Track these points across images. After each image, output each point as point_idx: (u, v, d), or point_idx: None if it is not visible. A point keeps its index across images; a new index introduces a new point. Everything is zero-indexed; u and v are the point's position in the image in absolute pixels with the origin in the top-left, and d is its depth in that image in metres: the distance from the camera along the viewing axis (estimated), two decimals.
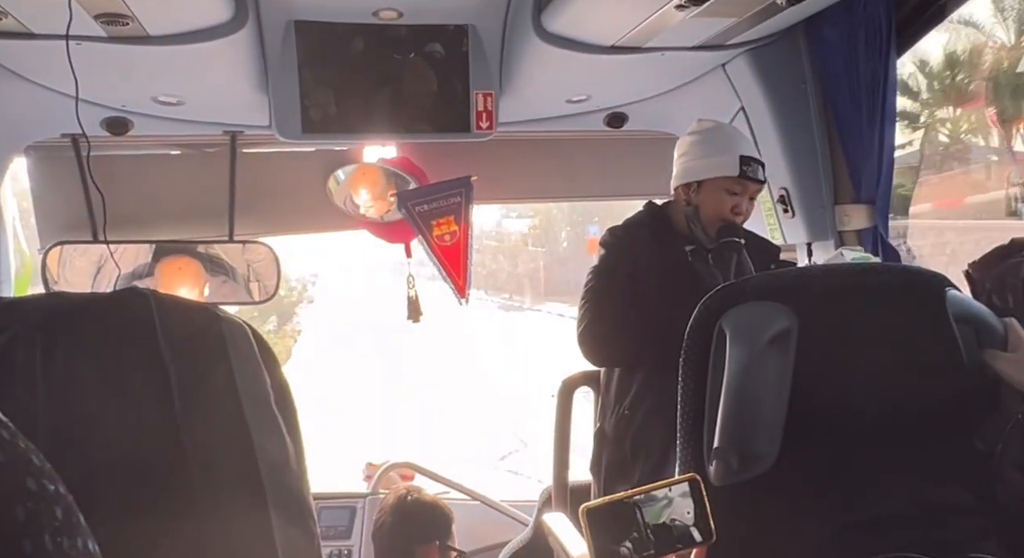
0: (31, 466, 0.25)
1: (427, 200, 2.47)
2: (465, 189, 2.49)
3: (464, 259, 2.49)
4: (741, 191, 1.83)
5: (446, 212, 2.47)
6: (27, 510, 0.25)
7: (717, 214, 1.84)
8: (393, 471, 2.75)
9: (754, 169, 1.83)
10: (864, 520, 1.01)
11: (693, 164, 1.88)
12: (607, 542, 0.91)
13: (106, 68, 1.77)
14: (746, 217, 1.88)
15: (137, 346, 0.77)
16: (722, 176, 1.83)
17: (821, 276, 1.09)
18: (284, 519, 0.80)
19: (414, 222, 2.46)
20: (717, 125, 1.93)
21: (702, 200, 1.85)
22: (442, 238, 2.48)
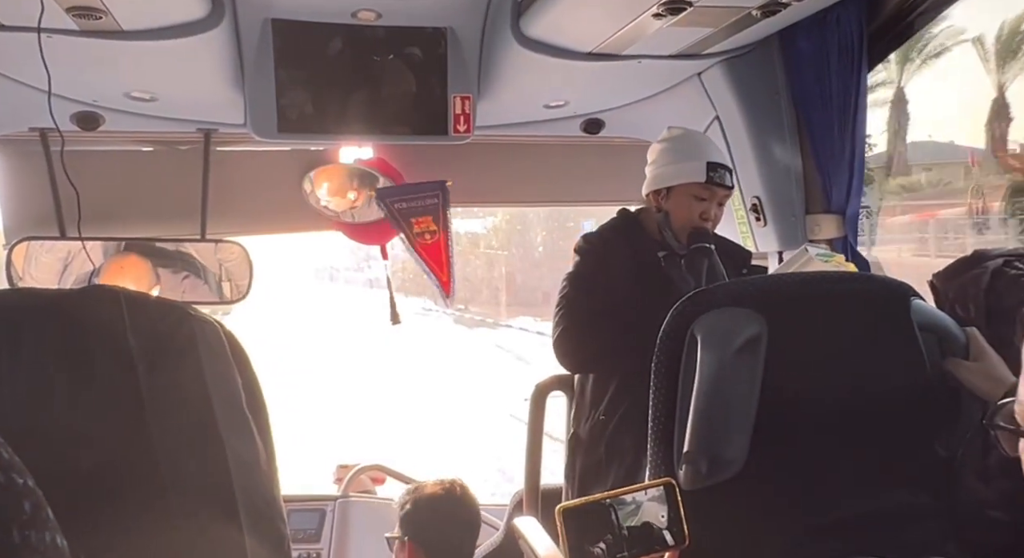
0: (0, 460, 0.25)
1: (406, 198, 2.47)
2: (442, 191, 2.49)
3: (447, 257, 2.50)
4: (709, 197, 1.87)
5: (424, 212, 2.47)
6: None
7: (687, 220, 1.87)
8: (364, 474, 2.73)
9: (721, 175, 1.86)
10: (830, 523, 1.03)
11: (662, 170, 1.91)
12: (582, 542, 0.92)
13: (78, 62, 1.74)
14: (715, 223, 1.91)
15: (106, 344, 0.76)
16: (690, 182, 1.86)
17: (791, 284, 1.11)
18: (253, 520, 0.79)
19: (394, 219, 2.45)
20: (686, 132, 1.96)
21: (672, 206, 1.89)
22: (423, 236, 2.48)
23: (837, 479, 1.05)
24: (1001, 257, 1.21)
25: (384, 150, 2.51)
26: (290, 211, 2.51)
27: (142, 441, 0.75)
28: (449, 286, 2.54)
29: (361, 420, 8.98)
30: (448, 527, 1.80)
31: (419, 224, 2.49)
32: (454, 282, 2.56)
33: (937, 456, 1.07)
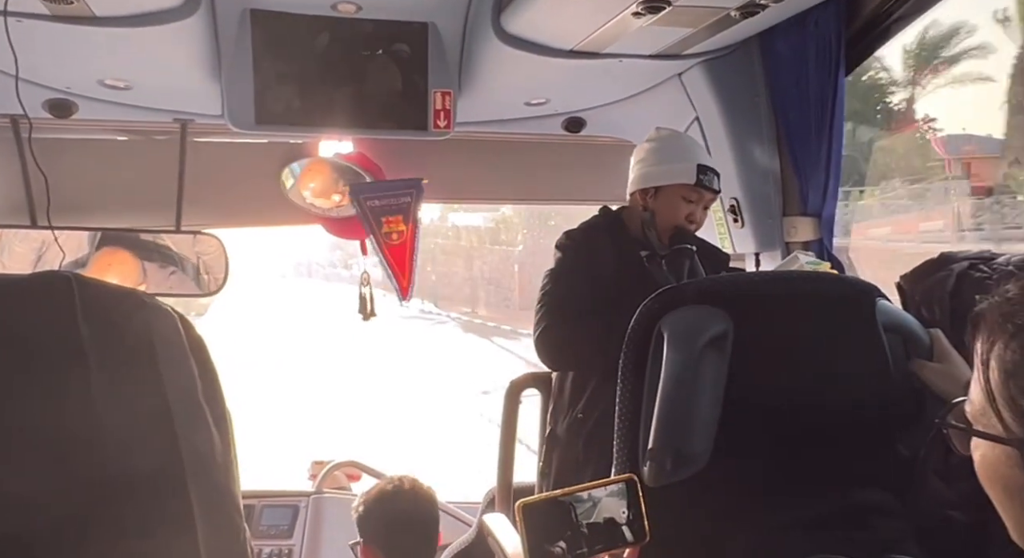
0: None
1: (379, 196, 2.46)
2: (416, 190, 2.49)
3: (410, 259, 2.49)
4: (697, 199, 1.88)
5: (396, 210, 2.46)
6: None
7: (672, 221, 1.87)
8: (338, 470, 2.72)
9: (710, 178, 1.88)
10: (794, 521, 1.04)
11: (651, 170, 1.91)
12: (542, 540, 0.91)
13: (49, 48, 1.72)
14: (699, 225, 1.92)
15: (57, 330, 0.74)
16: (679, 183, 1.86)
17: (758, 282, 1.12)
18: (207, 511, 0.78)
19: (364, 217, 2.44)
20: (675, 133, 1.97)
21: (658, 206, 1.89)
22: (390, 236, 2.47)
23: (801, 477, 1.05)
24: (967, 260, 1.22)
25: (364, 144, 2.49)
26: (268, 204, 2.49)
27: (91, 429, 0.73)
28: (408, 290, 2.53)
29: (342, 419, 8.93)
30: (399, 524, 1.76)
31: (388, 223, 2.48)
32: (413, 285, 2.55)
33: (900, 456, 1.08)
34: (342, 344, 14.08)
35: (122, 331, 0.77)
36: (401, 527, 1.74)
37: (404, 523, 1.75)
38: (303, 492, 2.58)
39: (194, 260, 2.45)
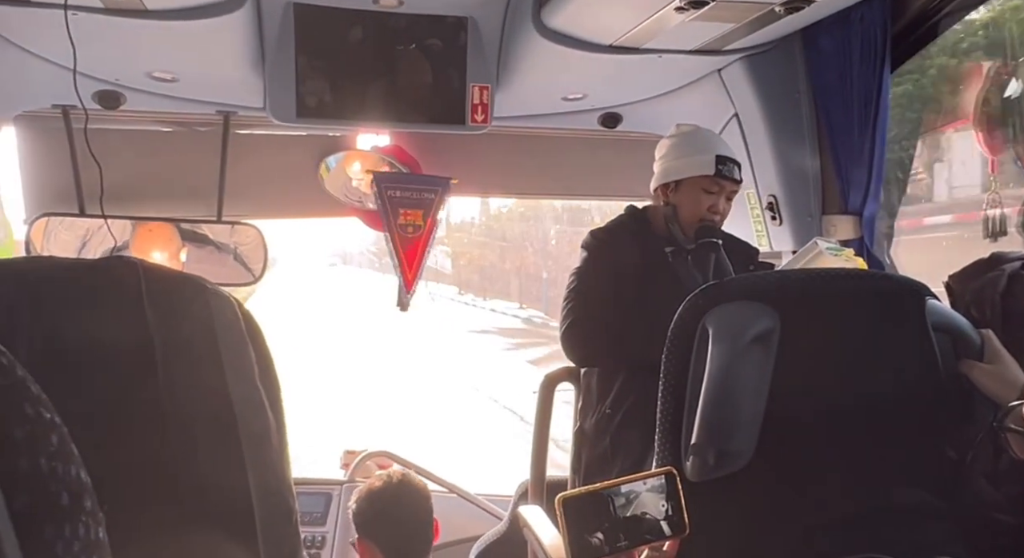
0: (28, 392, 0.26)
1: (402, 187, 2.47)
2: (442, 189, 2.50)
3: (421, 255, 2.50)
4: (718, 190, 1.87)
5: (417, 205, 2.47)
6: (25, 432, 0.25)
7: (694, 213, 1.87)
8: (370, 460, 2.75)
9: (730, 168, 1.87)
10: (836, 520, 1.03)
11: (671, 164, 1.92)
12: (581, 532, 0.92)
13: (101, 40, 1.76)
14: (723, 217, 1.91)
15: (123, 313, 0.77)
16: (699, 175, 1.87)
17: (806, 279, 1.11)
18: (263, 493, 0.80)
19: (382, 205, 2.45)
20: (695, 128, 1.97)
21: (680, 200, 1.89)
22: (405, 228, 2.48)
23: (845, 476, 1.04)
24: (1019, 260, 1.20)
25: (401, 138, 2.51)
26: (306, 196, 2.53)
27: (154, 409, 0.76)
28: (412, 283, 2.54)
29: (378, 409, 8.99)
30: (390, 519, 1.79)
31: (406, 216, 2.49)
32: (418, 282, 2.56)
33: (947, 457, 1.07)
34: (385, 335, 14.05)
35: (184, 315, 0.79)
36: (391, 521, 1.78)
37: (394, 518, 1.79)
38: (336, 480, 2.62)
39: (233, 249, 2.49)
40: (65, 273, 0.77)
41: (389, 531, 1.77)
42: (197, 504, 0.75)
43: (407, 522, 1.79)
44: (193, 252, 2.46)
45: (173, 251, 2.46)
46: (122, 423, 0.74)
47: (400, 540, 1.77)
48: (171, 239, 2.46)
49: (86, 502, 0.28)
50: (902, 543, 1.01)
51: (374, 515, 1.78)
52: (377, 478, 1.85)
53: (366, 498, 1.82)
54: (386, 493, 1.81)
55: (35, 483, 0.26)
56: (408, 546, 1.78)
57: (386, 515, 1.78)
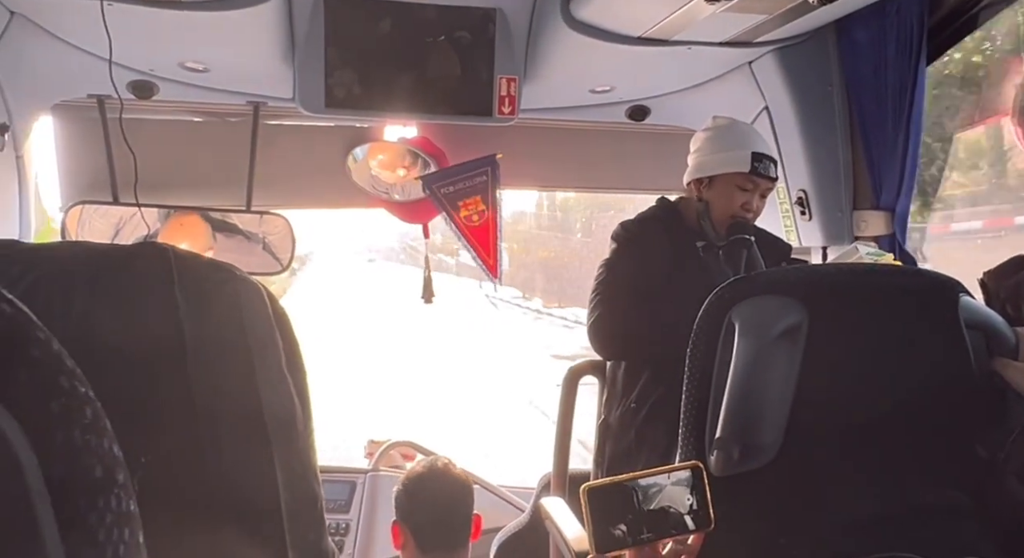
0: (64, 366, 0.27)
1: (452, 181, 2.48)
2: (491, 167, 2.48)
3: (494, 238, 2.49)
4: (752, 188, 1.85)
5: (472, 192, 2.47)
6: (60, 405, 0.26)
7: (728, 210, 1.85)
8: (394, 449, 2.77)
9: (766, 166, 1.84)
10: (863, 518, 1.02)
11: (705, 159, 1.89)
12: (605, 523, 0.92)
13: (136, 31, 1.78)
14: (757, 214, 1.88)
15: (153, 297, 0.78)
16: (734, 172, 1.84)
17: (834, 273, 1.09)
18: (288, 477, 0.81)
19: (440, 204, 2.46)
20: (732, 122, 1.93)
21: (713, 196, 1.87)
22: (470, 218, 2.48)
23: (873, 475, 1.03)
24: None
25: (428, 129, 2.52)
26: (334, 187, 2.55)
27: (182, 393, 0.77)
28: (496, 270, 2.53)
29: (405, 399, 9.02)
30: (428, 505, 1.76)
31: (467, 206, 2.49)
32: (501, 265, 2.55)
33: (977, 456, 1.05)
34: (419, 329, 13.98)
35: (214, 300, 0.80)
36: (429, 508, 1.75)
37: (432, 505, 1.76)
38: (360, 469, 2.64)
39: (261, 239, 2.52)
40: (99, 257, 0.78)
41: (423, 518, 1.75)
42: (223, 488, 0.76)
43: (442, 511, 1.76)
44: (222, 241, 2.50)
45: (203, 239, 2.50)
46: (151, 405, 0.75)
47: (432, 528, 1.75)
48: (201, 228, 2.50)
49: (118, 475, 0.28)
50: (931, 543, 0.99)
51: (410, 500, 1.77)
52: (420, 464, 1.83)
53: (406, 483, 1.80)
54: (426, 479, 1.79)
55: (70, 455, 0.26)
56: (440, 536, 1.76)
57: (422, 502, 1.76)
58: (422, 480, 1.79)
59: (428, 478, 1.79)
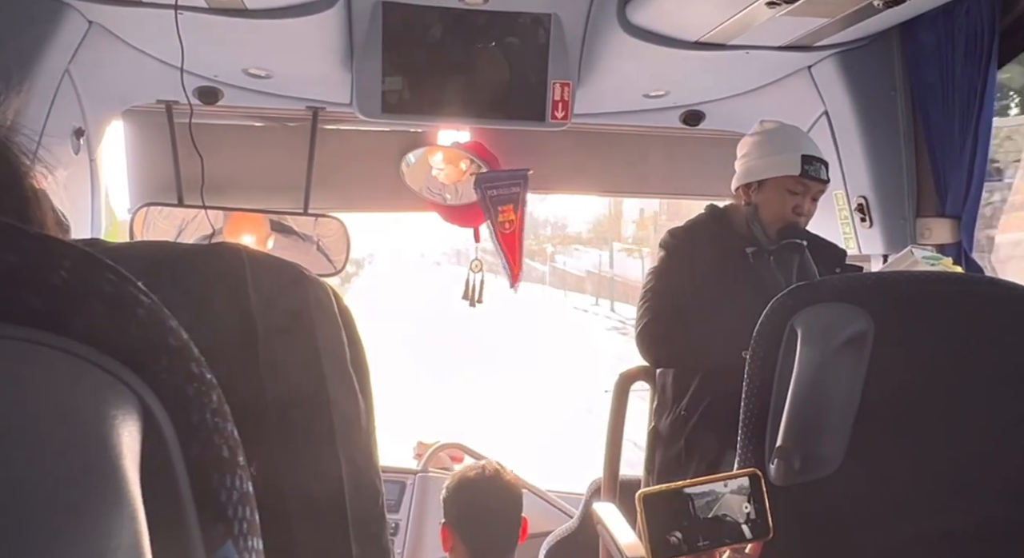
0: (193, 353, 0.28)
1: (497, 185, 2.51)
2: (523, 180, 2.52)
3: (519, 246, 2.55)
4: (803, 191, 1.82)
5: (507, 200, 2.51)
6: (194, 389, 0.28)
7: (778, 214, 1.82)
8: (443, 451, 2.79)
9: (816, 168, 1.81)
10: (928, 534, 0.99)
11: (754, 163, 1.87)
12: (661, 530, 0.91)
13: (204, 38, 1.85)
14: (808, 218, 1.85)
15: (228, 295, 0.80)
16: (783, 175, 1.81)
17: (903, 282, 1.07)
18: (352, 473, 0.82)
19: (485, 206, 2.49)
20: (780, 125, 1.91)
21: (762, 200, 1.84)
22: (503, 225, 2.51)
23: (939, 490, 1.00)
24: None
25: (481, 134, 2.54)
26: (388, 190, 2.59)
27: (255, 390, 0.79)
28: (517, 276, 2.59)
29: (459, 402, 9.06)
30: (477, 509, 1.77)
31: (503, 212, 2.52)
32: (521, 275, 2.61)
33: None
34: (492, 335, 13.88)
35: (284, 299, 0.83)
36: (477, 512, 1.76)
37: (481, 509, 1.77)
38: (410, 470, 2.67)
39: (316, 241, 2.58)
40: (178, 255, 0.81)
41: (473, 523, 1.76)
42: (290, 479, 0.78)
43: (492, 516, 1.77)
44: (279, 241, 2.56)
45: (261, 240, 2.57)
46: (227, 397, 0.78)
47: (482, 533, 1.76)
48: (260, 229, 2.57)
49: (239, 457, 0.30)
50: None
51: (460, 505, 1.78)
52: (471, 468, 1.84)
53: (457, 486, 1.81)
54: (476, 484, 1.80)
55: (204, 435, 0.28)
56: (489, 541, 1.77)
57: (472, 506, 1.77)
58: (473, 485, 1.80)
59: (479, 483, 1.80)
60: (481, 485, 1.79)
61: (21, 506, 0.20)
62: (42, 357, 0.24)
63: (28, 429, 0.22)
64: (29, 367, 0.23)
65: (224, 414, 0.29)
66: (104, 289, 0.26)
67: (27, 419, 0.22)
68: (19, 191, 0.38)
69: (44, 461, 0.22)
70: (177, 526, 0.27)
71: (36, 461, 0.22)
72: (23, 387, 0.23)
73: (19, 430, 0.22)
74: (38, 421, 0.22)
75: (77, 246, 0.27)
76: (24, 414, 0.22)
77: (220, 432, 0.29)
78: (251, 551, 0.30)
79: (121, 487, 0.23)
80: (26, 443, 0.22)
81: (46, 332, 0.24)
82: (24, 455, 0.21)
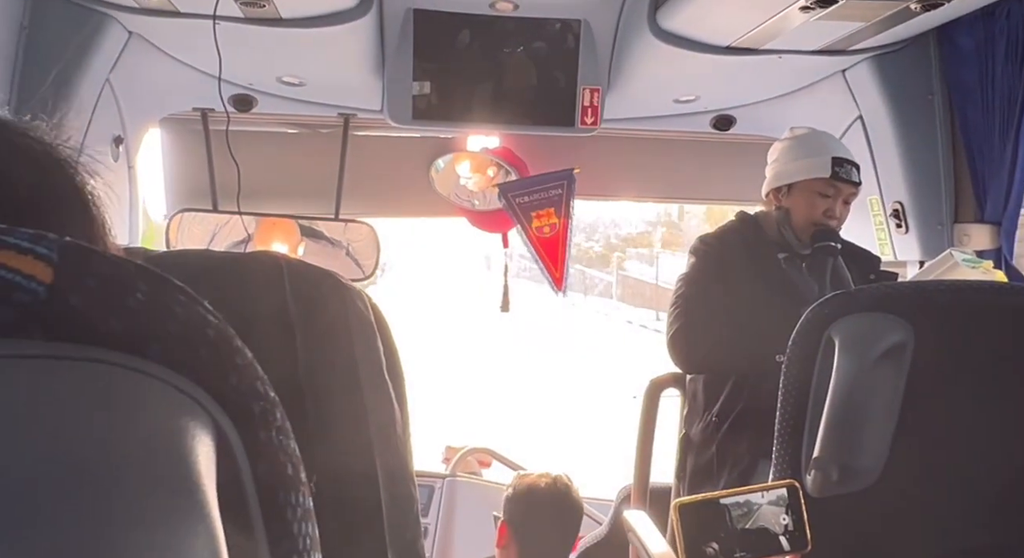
0: (258, 372, 0.29)
1: (528, 192, 2.50)
2: (567, 181, 2.50)
3: (563, 251, 2.51)
4: (834, 194, 1.79)
5: (546, 204, 2.50)
6: (260, 408, 0.28)
7: (808, 217, 1.80)
8: (471, 456, 2.80)
9: (847, 170, 1.78)
10: (969, 551, 0.97)
11: (784, 168, 1.85)
12: (696, 540, 0.91)
13: (239, 48, 1.88)
14: (840, 222, 1.82)
15: (267, 303, 0.82)
16: (813, 178, 1.79)
17: (945, 291, 1.05)
18: (388, 480, 0.83)
19: (514, 213, 2.49)
20: (810, 130, 1.90)
21: (793, 203, 1.82)
22: (541, 229, 2.50)
23: (981, 505, 0.98)
24: None
25: (510, 140, 2.55)
26: (417, 196, 2.61)
27: (295, 397, 0.80)
28: (561, 281, 2.55)
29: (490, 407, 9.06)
30: (540, 518, 1.79)
31: (539, 217, 2.51)
32: (567, 276, 2.57)
33: None
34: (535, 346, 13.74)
35: (323, 308, 0.84)
36: (540, 519, 1.78)
37: (544, 517, 1.79)
38: (439, 474, 2.68)
39: (346, 246, 2.60)
40: (220, 264, 0.83)
41: (537, 534, 1.78)
42: (331, 488, 0.79)
43: (554, 529, 1.80)
44: (310, 247, 2.59)
45: (292, 245, 2.60)
46: None
47: (540, 542, 1.79)
48: (291, 234, 2.60)
49: (301, 474, 0.30)
50: None
51: (527, 511, 1.80)
52: (541, 476, 1.86)
53: (527, 491, 1.82)
54: (546, 494, 1.82)
55: (270, 453, 0.29)
56: (544, 550, 1.79)
57: (538, 514, 1.79)
58: (543, 494, 1.82)
59: (549, 494, 1.82)
60: (552, 496, 1.82)
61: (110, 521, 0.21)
62: (123, 379, 0.24)
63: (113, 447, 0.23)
64: (112, 388, 0.24)
65: (287, 432, 0.30)
66: (177, 311, 0.27)
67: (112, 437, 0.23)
68: (86, 211, 0.39)
69: (130, 479, 0.22)
70: (247, 543, 0.27)
71: (122, 480, 0.22)
72: (107, 408, 0.24)
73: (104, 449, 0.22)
74: (123, 441, 0.23)
75: (150, 269, 0.27)
76: (110, 434, 0.23)
77: (284, 449, 0.29)
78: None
79: (202, 505, 0.24)
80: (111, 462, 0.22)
81: (126, 354, 0.25)
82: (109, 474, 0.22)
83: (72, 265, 0.24)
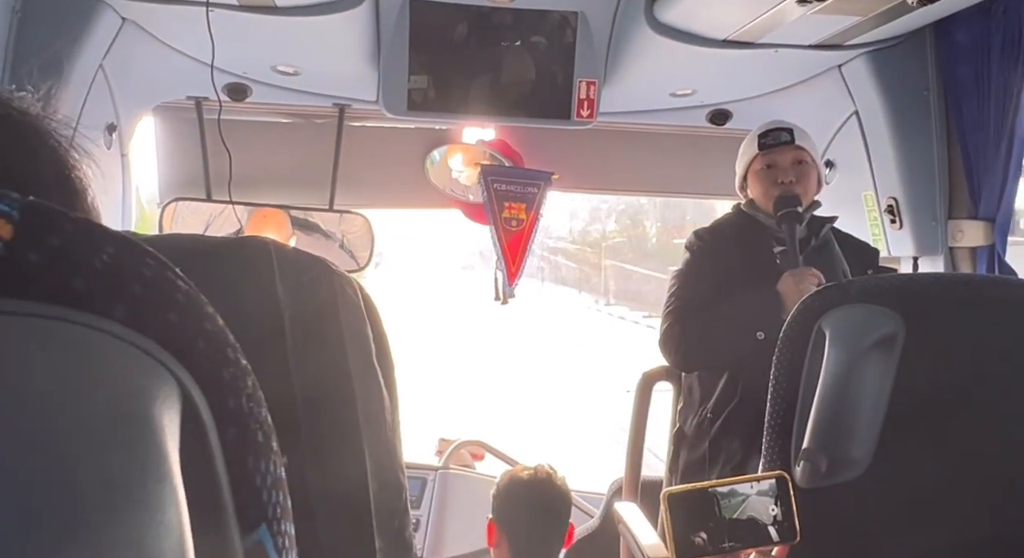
0: (229, 339, 0.29)
1: (507, 180, 2.50)
2: (544, 182, 2.52)
3: (524, 248, 2.54)
4: (773, 162, 1.83)
5: (520, 198, 2.50)
6: (230, 374, 0.28)
7: (767, 194, 1.83)
8: (464, 448, 2.80)
9: (774, 136, 1.83)
10: (960, 542, 0.97)
11: (736, 167, 1.93)
12: (685, 530, 0.91)
13: (235, 35, 1.87)
14: (802, 183, 1.82)
15: (256, 288, 0.81)
16: (750, 160, 1.86)
17: (935, 283, 1.05)
18: (378, 467, 0.83)
19: (488, 198, 2.49)
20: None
21: (752, 191, 1.89)
22: (509, 222, 2.51)
23: (971, 496, 0.98)
24: None
25: (505, 132, 2.55)
26: (412, 187, 2.60)
27: (283, 382, 0.80)
28: (515, 277, 2.56)
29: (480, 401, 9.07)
30: (525, 510, 1.78)
31: (511, 209, 2.52)
32: (521, 275, 2.58)
33: None
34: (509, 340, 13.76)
35: (312, 293, 0.83)
36: (531, 517, 1.77)
37: (530, 510, 1.78)
38: (431, 466, 2.68)
39: (340, 238, 2.59)
40: (209, 248, 0.82)
41: (523, 526, 1.77)
42: (316, 472, 0.79)
43: (541, 519, 1.78)
44: (301, 240, 2.58)
45: (284, 236, 2.59)
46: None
47: (530, 534, 1.77)
48: (283, 225, 2.59)
49: (273, 442, 0.30)
50: None
51: (512, 505, 1.79)
52: (524, 469, 1.85)
53: (509, 485, 1.82)
54: (529, 486, 1.81)
55: (239, 419, 0.28)
56: (536, 542, 1.78)
57: (523, 507, 1.78)
58: (526, 486, 1.80)
59: (531, 485, 1.80)
60: (533, 487, 1.80)
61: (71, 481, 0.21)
62: (86, 338, 0.24)
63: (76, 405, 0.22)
64: (74, 347, 0.24)
65: (258, 400, 0.30)
66: (144, 274, 0.27)
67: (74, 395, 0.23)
68: (68, 184, 0.39)
69: (89, 439, 0.22)
70: (213, 508, 0.27)
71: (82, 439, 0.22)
72: (69, 365, 0.23)
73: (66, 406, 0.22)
74: (86, 397, 0.23)
75: (119, 232, 0.27)
76: (71, 391, 0.23)
77: (255, 417, 0.29)
78: (284, 535, 0.31)
79: (164, 464, 0.24)
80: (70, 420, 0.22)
81: (89, 313, 0.24)
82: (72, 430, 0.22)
83: (34, 223, 0.24)
